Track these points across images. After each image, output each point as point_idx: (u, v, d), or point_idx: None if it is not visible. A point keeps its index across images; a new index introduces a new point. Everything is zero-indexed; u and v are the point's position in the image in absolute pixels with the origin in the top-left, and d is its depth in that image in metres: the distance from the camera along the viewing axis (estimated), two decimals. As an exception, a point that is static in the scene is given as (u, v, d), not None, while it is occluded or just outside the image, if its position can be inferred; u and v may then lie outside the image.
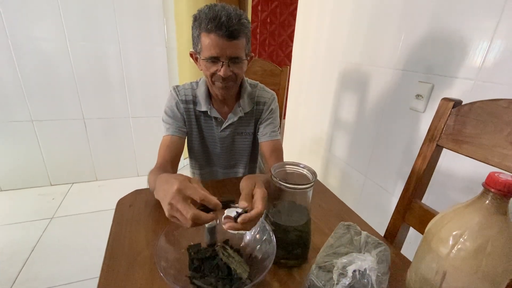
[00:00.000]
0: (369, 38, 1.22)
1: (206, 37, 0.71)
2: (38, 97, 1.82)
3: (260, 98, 0.93)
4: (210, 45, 0.71)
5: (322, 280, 0.43)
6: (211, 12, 0.69)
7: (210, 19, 0.68)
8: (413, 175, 0.65)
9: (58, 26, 1.71)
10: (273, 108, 0.94)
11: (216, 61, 0.74)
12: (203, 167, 1.03)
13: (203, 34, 0.72)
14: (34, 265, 1.34)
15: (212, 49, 0.72)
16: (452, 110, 0.58)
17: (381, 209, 1.21)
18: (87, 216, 1.74)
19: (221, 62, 0.74)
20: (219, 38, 0.70)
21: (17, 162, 1.91)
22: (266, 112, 0.93)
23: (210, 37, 0.71)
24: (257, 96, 0.93)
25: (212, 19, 0.68)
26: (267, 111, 0.93)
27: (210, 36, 0.70)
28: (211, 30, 0.69)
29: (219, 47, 0.71)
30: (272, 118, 0.94)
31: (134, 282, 0.50)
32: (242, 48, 0.75)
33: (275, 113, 0.95)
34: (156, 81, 2.03)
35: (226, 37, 0.70)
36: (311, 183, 0.51)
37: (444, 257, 0.37)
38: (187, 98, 0.89)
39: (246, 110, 0.90)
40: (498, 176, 0.33)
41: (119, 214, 0.69)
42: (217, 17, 0.68)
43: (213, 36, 0.70)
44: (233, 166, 1.03)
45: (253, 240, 0.55)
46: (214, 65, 0.75)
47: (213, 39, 0.70)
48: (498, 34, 0.75)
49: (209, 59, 0.74)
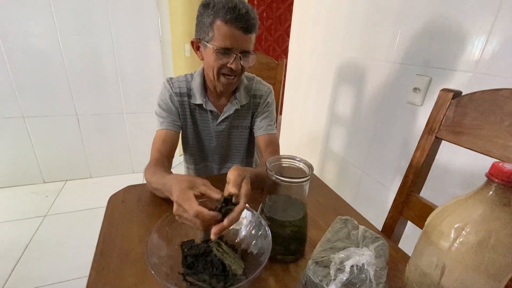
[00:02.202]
0: (366, 32, 1.20)
1: (222, 26, 0.68)
2: (29, 92, 1.78)
3: (257, 91, 0.92)
4: (226, 35, 0.69)
5: (319, 276, 0.41)
6: (230, 1, 0.67)
7: (229, 8, 0.66)
8: (411, 168, 0.64)
9: (49, 20, 1.67)
10: (270, 102, 0.93)
11: (228, 52, 0.72)
12: (198, 162, 1.01)
13: (219, 22, 0.68)
14: (27, 263, 1.32)
15: (227, 40, 0.70)
16: (452, 101, 0.56)
17: (378, 204, 1.20)
18: (81, 213, 1.72)
19: (234, 54, 0.72)
20: (236, 29, 0.68)
21: (9, 159, 1.88)
22: (262, 106, 0.91)
23: (227, 27, 0.68)
24: (254, 89, 0.91)
25: (231, 9, 0.66)
26: (264, 104, 0.91)
27: (227, 27, 0.68)
28: (230, 21, 0.67)
29: (235, 38, 0.70)
30: (268, 112, 0.92)
31: (125, 279, 0.48)
32: (252, 43, 0.75)
33: (271, 107, 0.93)
34: (151, 76, 2.00)
35: (243, 30, 0.69)
36: (307, 176, 0.49)
37: (445, 251, 0.36)
38: (181, 90, 0.86)
39: (242, 102, 0.88)
40: (503, 166, 0.32)
41: (111, 211, 0.67)
42: (237, 9, 0.67)
43: (231, 26, 0.68)
44: (229, 161, 1.01)
45: (249, 236, 0.53)
46: (225, 56, 0.73)
47: (231, 30, 0.68)
48: (496, 26, 0.74)
49: (222, 49, 0.71)
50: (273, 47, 3.58)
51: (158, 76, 2.02)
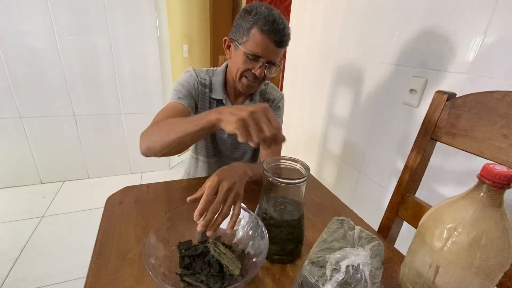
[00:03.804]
0: (363, 33, 1.21)
1: (258, 34, 0.72)
2: (26, 93, 1.77)
3: (270, 95, 0.97)
4: (259, 44, 0.73)
5: (315, 276, 0.42)
6: (271, 15, 0.71)
7: (269, 21, 0.71)
8: (407, 169, 0.64)
9: (46, 20, 1.67)
10: (280, 106, 0.97)
11: (257, 59, 0.76)
12: (210, 156, 1.00)
13: (256, 30, 0.72)
14: (25, 264, 1.32)
15: (260, 48, 0.74)
16: (446, 103, 0.57)
17: (375, 204, 1.21)
18: (78, 214, 1.71)
19: (261, 62, 0.76)
20: (270, 41, 0.73)
21: (5, 160, 1.87)
22: (273, 109, 0.94)
23: (262, 37, 0.72)
24: (267, 93, 0.97)
25: (271, 22, 0.71)
26: (274, 108, 0.96)
27: (263, 36, 0.72)
28: (266, 32, 0.71)
29: (266, 49, 0.74)
30: (277, 116, 0.96)
31: (123, 280, 0.48)
32: (280, 57, 0.79)
33: (280, 111, 0.98)
34: (148, 77, 2.00)
35: (276, 44, 0.73)
36: (304, 177, 0.50)
37: (438, 251, 0.37)
38: (205, 81, 0.88)
39: None
40: (493, 168, 0.32)
41: (108, 211, 0.67)
42: (275, 22, 0.71)
43: (265, 37, 0.72)
44: (239, 157, 1.03)
45: (246, 236, 0.53)
46: (252, 62, 0.77)
47: (264, 40, 0.73)
48: (491, 28, 0.75)
49: (252, 55, 0.75)
50: (271, 48, 3.58)
51: (156, 77, 2.02)
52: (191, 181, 0.84)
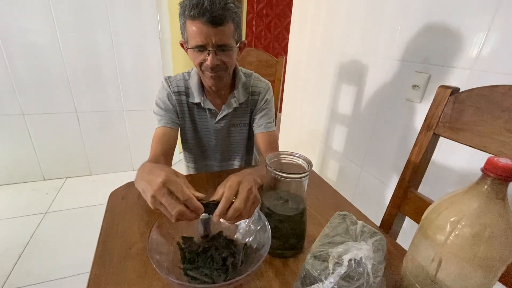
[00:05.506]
0: (365, 29, 1.20)
1: (190, 24, 0.68)
2: (28, 90, 1.77)
3: (255, 88, 0.91)
4: (195, 33, 0.68)
5: (318, 270, 0.42)
6: None
7: (193, 5, 0.65)
8: (410, 164, 0.64)
9: (48, 17, 1.67)
10: (268, 98, 0.92)
11: (203, 49, 0.71)
12: (198, 160, 1.01)
13: (188, 21, 0.69)
14: (29, 260, 1.33)
15: (197, 37, 0.69)
16: (450, 98, 0.57)
17: (377, 200, 1.21)
18: (81, 210, 1.72)
19: (208, 50, 0.71)
20: (203, 25, 0.67)
21: (8, 156, 1.88)
22: (261, 103, 0.91)
23: (195, 24, 0.67)
24: (252, 85, 0.91)
25: (195, 5, 0.65)
26: (262, 101, 0.91)
27: (195, 23, 0.67)
28: (195, 16, 0.66)
29: (203, 34, 0.68)
30: (267, 109, 0.92)
31: (126, 274, 0.49)
32: (229, 35, 0.71)
33: (270, 103, 0.92)
34: (150, 73, 2.00)
35: (211, 24, 0.67)
36: (306, 172, 0.50)
37: (441, 244, 0.37)
38: (179, 89, 0.86)
39: (241, 100, 0.88)
40: (498, 161, 0.32)
41: (111, 207, 0.67)
42: (200, 3, 0.65)
43: (197, 23, 0.67)
44: (228, 159, 1.01)
45: (248, 230, 0.54)
46: (201, 54, 0.72)
47: (198, 26, 0.67)
48: (495, 23, 0.74)
49: (196, 47, 0.71)
50: (272, 44, 3.57)
51: (158, 74, 2.01)
52: (193, 177, 0.85)
